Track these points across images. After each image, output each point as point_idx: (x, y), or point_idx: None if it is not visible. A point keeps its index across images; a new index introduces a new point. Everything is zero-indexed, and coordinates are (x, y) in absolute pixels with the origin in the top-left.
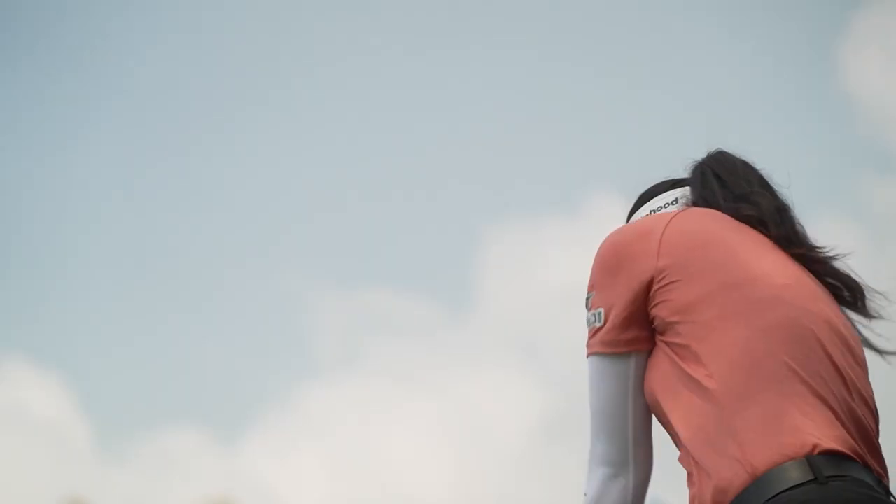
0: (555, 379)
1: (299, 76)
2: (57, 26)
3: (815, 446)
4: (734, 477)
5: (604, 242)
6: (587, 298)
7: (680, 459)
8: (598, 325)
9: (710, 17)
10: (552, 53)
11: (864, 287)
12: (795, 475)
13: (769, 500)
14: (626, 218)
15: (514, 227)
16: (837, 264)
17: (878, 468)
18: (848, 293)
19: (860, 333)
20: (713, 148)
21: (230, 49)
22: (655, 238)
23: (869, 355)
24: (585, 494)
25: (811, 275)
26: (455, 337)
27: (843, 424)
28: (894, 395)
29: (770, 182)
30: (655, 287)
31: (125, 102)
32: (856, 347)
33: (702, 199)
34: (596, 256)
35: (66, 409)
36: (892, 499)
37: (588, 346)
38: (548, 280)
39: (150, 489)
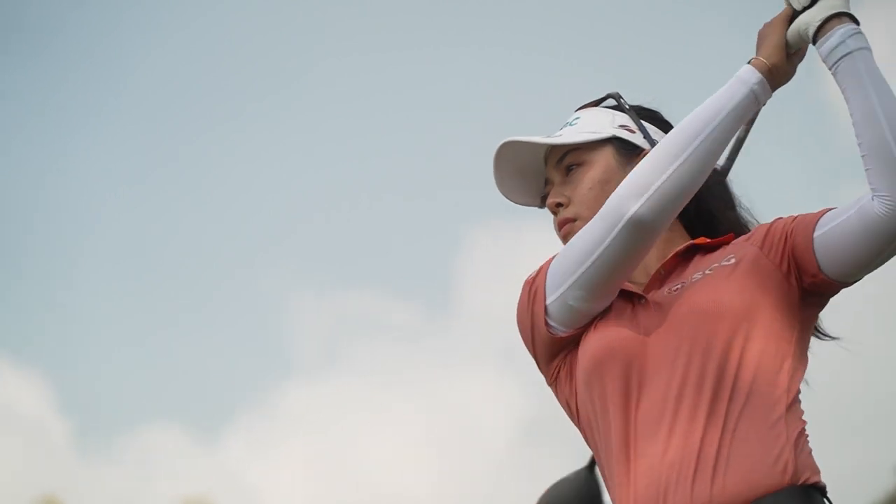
0: (535, 382)
1: (282, 85)
2: (58, 27)
3: None
4: None
5: None
6: None
7: None
8: None
9: (693, 23)
10: (537, 57)
11: None
12: None
13: None
14: None
15: (495, 231)
16: None
17: None
18: None
19: None
20: None
21: (217, 65)
22: None
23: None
24: None
25: None
26: (436, 340)
27: None
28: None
29: None
30: None
31: (112, 117)
32: None
33: None
34: None
35: (45, 408)
36: None
37: None
38: None
39: (129, 488)
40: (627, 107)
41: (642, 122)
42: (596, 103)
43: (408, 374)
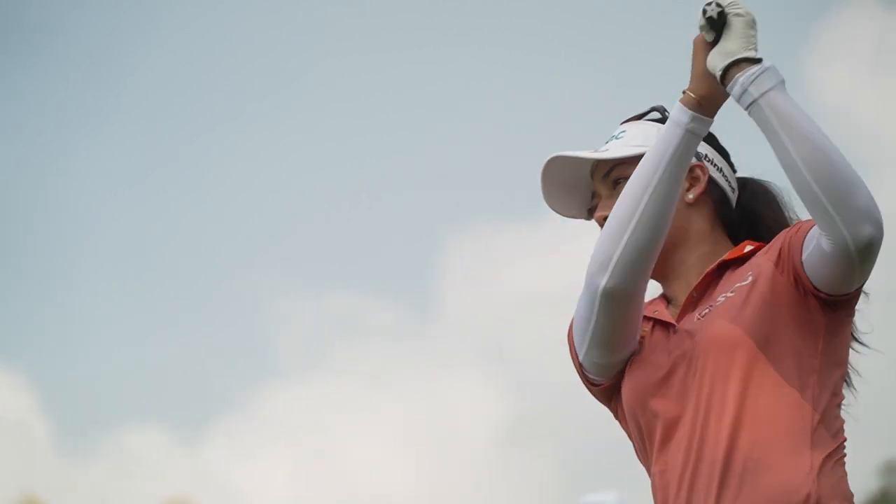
0: (517, 383)
1: (282, 85)
2: (58, 27)
3: None
4: None
5: None
6: None
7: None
8: None
9: (674, 27)
10: (537, 57)
11: None
12: None
13: None
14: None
15: (477, 233)
16: None
17: None
18: None
19: None
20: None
21: (217, 65)
22: None
23: None
24: None
25: None
26: (419, 340)
27: None
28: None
29: None
30: None
31: (112, 117)
32: None
33: None
34: None
35: (27, 408)
36: None
37: None
38: (511, 286)
39: (110, 488)
40: None
41: None
42: (640, 117)
43: (391, 375)
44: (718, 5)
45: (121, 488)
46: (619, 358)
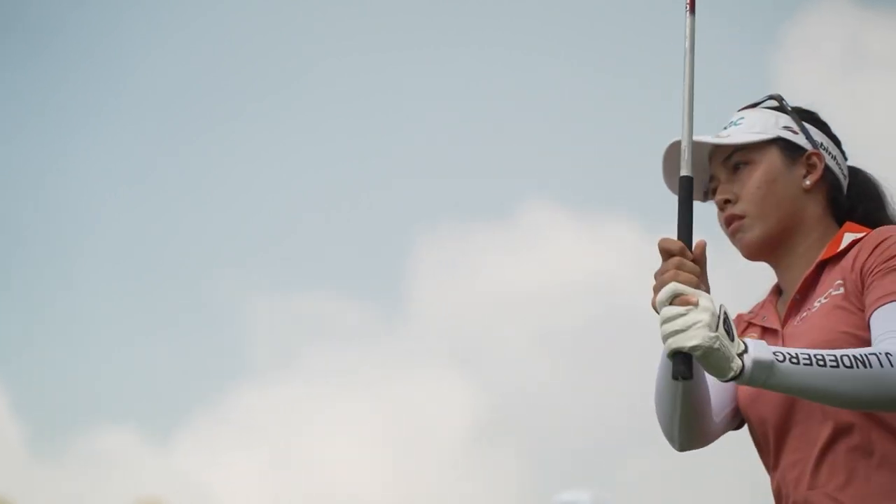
0: (488, 383)
1: (282, 85)
2: (58, 27)
3: None
4: None
5: None
6: None
7: None
8: None
9: (675, 27)
10: (537, 57)
11: None
12: None
13: None
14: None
15: (447, 234)
16: None
17: None
18: None
19: None
20: None
21: (217, 65)
22: None
23: None
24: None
25: None
26: (390, 341)
27: None
28: None
29: None
30: None
31: (112, 117)
32: None
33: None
34: None
35: None
36: None
37: None
38: (480, 286)
39: (82, 489)
40: (789, 108)
41: (804, 123)
42: (755, 105)
43: (363, 376)
44: (684, 376)
45: (93, 489)
46: (736, 420)
